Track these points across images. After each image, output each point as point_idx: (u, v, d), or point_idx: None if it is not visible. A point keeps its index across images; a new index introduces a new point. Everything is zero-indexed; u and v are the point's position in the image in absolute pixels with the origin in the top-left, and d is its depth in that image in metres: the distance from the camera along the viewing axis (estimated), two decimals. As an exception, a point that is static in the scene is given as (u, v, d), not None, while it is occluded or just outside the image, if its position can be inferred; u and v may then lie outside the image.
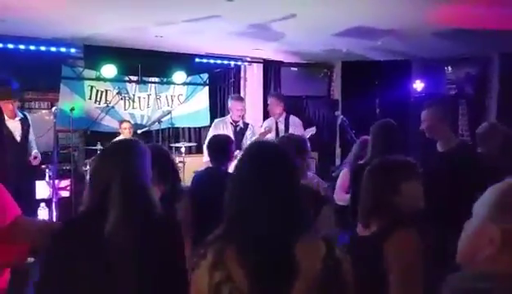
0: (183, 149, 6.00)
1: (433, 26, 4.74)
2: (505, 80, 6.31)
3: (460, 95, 6.81)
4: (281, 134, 4.86)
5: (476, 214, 1.05)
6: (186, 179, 6.09)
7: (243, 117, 5.30)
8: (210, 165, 3.04)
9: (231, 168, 2.96)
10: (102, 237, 1.50)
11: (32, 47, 5.55)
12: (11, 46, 5.43)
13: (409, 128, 6.37)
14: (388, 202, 1.83)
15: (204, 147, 4.84)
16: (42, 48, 5.61)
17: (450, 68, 7.09)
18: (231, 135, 4.99)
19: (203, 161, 4.98)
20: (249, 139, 5.11)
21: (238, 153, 4.27)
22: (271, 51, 6.61)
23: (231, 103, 5.20)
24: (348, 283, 1.29)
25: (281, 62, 7.31)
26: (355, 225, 2.00)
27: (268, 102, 5.37)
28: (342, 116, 5.37)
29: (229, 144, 3.06)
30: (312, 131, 5.26)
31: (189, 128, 7.00)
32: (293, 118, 5.30)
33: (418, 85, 7.03)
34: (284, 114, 5.25)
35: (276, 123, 5.21)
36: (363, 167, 2.30)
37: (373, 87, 6.98)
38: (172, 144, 6.17)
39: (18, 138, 4.37)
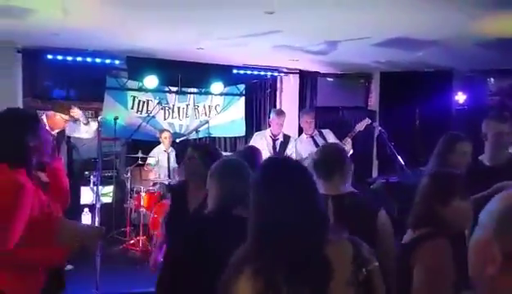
0: (220, 159, 6.08)
1: (477, 36, 4.63)
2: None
3: (504, 108, 6.58)
4: None
5: (482, 224, 0.98)
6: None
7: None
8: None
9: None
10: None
11: (79, 59, 5.81)
12: (59, 57, 5.72)
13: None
14: (436, 213, 1.83)
15: None
16: (89, 60, 5.87)
17: (492, 79, 6.87)
18: (270, 149, 5.06)
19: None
20: (293, 152, 5.11)
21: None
22: (307, 62, 6.63)
23: (272, 117, 5.23)
24: (377, 281, 1.35)
25: (318, 73, 7.30)
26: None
27: (303, 120, 5.30)
28: (380, 127, 5.29)
29: (254, 156, 3.13)
30: (366, 122, 5.19)
31: (225, 138, 7.11)
32: (326, 132, 5.29)
33: (460, 97, 6.84)
34: (315, 130, 5.25)
35: (314, 139, 5.19)
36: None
37: (412, 99, 6.84)
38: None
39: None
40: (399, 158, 4.77)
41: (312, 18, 4.11)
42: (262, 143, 5.07)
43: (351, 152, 5.03)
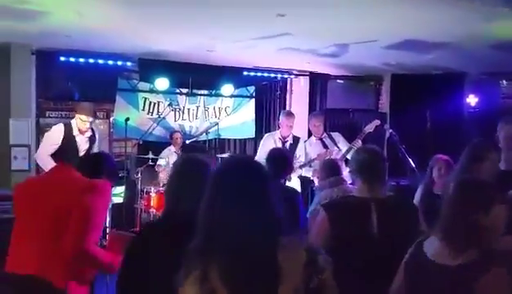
0: (229, 160, 6.11)
1: (489, 38, 4.58)
2: None
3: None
4: (334, 150, 4.95)
5: None
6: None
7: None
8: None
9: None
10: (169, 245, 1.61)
11: (91, 60, 5.86)
12: (72, 59, 5.78)
13: (462, 144, 6.15)
14: (480, 224, 1.60)
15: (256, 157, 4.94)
16: (100, 61, 5.92)
17: (505, 81, 6.80)
18: (279, 151, 5.06)
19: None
20: (302, 153, 5.12)
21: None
22: (318, 64, 6.62)
23: (281, 119, 5.24)
24: (329, 290, 1.31)
25: (328, 75, 7.29)
26: None
27: (312, 124, 5.30)
28: (391, 130, 5.26)
29: (289, 158, 3.12)
30: (375, 123, 5.15)
31: (234, 140, 7.12)
32: (335, 135, 5.29)
33: (472, 99, 6.78)
34: (324, 133, 5.25)
35: (323, 141, 5.19)
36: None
37: (423, 101, 6.78)
38: (218, 155, 6.30)
39: (81, 152, 4.63)
40: (410, 160, 4.74)
41: (323, 20, 4.12)
42: (272, 145, 5.07)
43: None
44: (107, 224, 4.57)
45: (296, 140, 5.24)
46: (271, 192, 1.37)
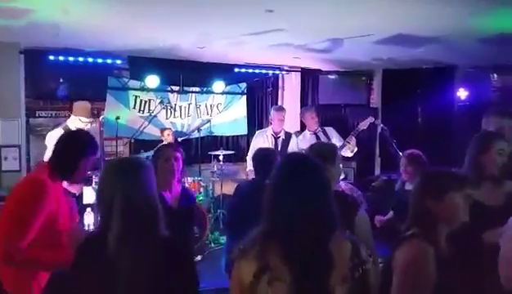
0: (221, 157, 6.10)
1: (479, 31, 4.60)
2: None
3: (507, 104, 6.54)
4: None
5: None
6: (224, 185, 6.20)
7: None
8: (253, 175, 3.09)
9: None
10: (105, 256, 1.59)
11: (80, 59, 5.81)
12: (61, 58, 5.72)
13: (453, 137, 6.19)
14: (430, 209, 1.82)
15: (248, 157, 4.95)
16: (90, 60, 5.88)
17: (495, 75, 6.83)
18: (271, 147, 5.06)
19: (246, 169, 5.19)
20: (294, 149, 5.12)
21: None
22: (309, 60, 6.62)
23: (272, 114, 5.24)
24: (371, 280, 1.45)
25: (319, 70, 7.29)
26: None
27: (308, 116, 5.31)
28: (382, 125, 5.28)
29: (274, 157, 3.12)
30: (369, 120, 5.12)
31: (227, 136, 7.11)
32: (329, 129, 5.30)
33: (462, 93, 6.81)
34: (319, 127, 5.26)
35: (317, 135, 5.20)
36: None
37: (414, 95, 6.82)
38: (210, 152, 6.28)
39: None
40: (401, 155, 4.75)
41: (312, 16, 4.11)
42: (264, 141, 5.07)
43: (355, 150, 5.02)
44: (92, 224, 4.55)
45: (288, 135, 5.24)
46: (329, 189, 1.53)
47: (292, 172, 1.52)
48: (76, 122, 4.62)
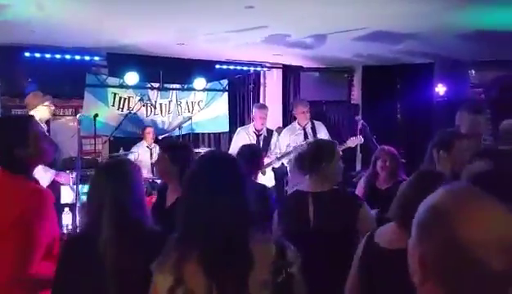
0: (203, 155, 6.05)
1: (456, 28, 4.66)
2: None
3: (485, 99, 6.66)
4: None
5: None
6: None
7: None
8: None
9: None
10: (95, 257, 1.60)
11: (57, 56, 5.70)
12: (38, 55, 5.60)
13: (431, 133, 6.27)
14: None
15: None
16: (67, 57, 5.76)
17: (474, 71, 6.95)
18: (254, 144, 5.03)
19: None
20: (275, 146, 5.11)
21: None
22: (290, 57, 6.62)
23: (254, 111, 5.21)
24: (296, 285, 1.35)
25: (301, 67, 7.30)
26: None
27: (300, 110, 5.24)
28: (362, 120, 5.32)
29: (258, 154, 3.11)
30: (359, 140, 5.00)
31: (208, 134, 7.06)
32: (318, 124, 5.28)
33: (440, 89, 6.91)
34: (309, 121, 5.24)
35: (305, 130, 5.19)
36: None
37: (394, 91, 6.89)
38: (194, 149, 6.22)
39: None
40: (379, 149, 4.78)
41: (292, 12, 4.10)
42: (245, 138, 5.05)
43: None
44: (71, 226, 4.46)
45: (270, 132, 5.24)
46: (245, 186, 1.43)
47: (202, 172, 1.44)
48: (37, 114, 4.44)
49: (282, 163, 5.11)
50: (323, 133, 5.18)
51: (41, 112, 4.38)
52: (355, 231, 2.18)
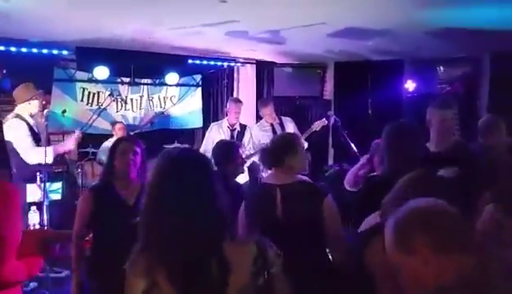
0: (176, 151, 5.99)
1: (425, 25, 4.76)
2: (495, 80, 6.34)
3: (452, 95, 6.85)
4: None
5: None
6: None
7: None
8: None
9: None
10: None
11: (24, 50, 5.50)
12: (2, 48, 5.39)
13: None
14: None
15: (201, 149, 4.88)
16: (34, 50, 5.57)
17: (442, 68, 7.13)
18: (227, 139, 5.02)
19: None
20: (248, 141, 5.11)
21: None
22: (264, 52, 6.62)
23: (229, 105, 5.20)
24: (278, 285, 1.31)
25: (274, 63, 7.31)
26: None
27: (267, 109, 5.29)
28: (334, 116, 5.39)
29: (235, 149, 3.10)
30: (323, 122, 5.21)
31: (182, 130, 6.99)
32: (286, 120, 5.33)
33: (410, 85, 7.06)
34: (276, 118, 5.28)
35: (273, 126, 5.21)
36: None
37: (365, 88, 7.00)
38: (165, 146, 6.14)
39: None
40: (352, 145, 4.87)
41: (266, 7, 4.09)
42: (220, 133, 5.03)
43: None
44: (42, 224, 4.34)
45: (243, 128, 5.23)
46: (216, 185, 1.35)
47: (167, 172, 1.34)
48: (27, 107, 4.29)
49: (253, 161, 5.13)
50: (291, 128, 5.22)
51: (32, 106, 4.22)
52: (321, 219, 2.22)
